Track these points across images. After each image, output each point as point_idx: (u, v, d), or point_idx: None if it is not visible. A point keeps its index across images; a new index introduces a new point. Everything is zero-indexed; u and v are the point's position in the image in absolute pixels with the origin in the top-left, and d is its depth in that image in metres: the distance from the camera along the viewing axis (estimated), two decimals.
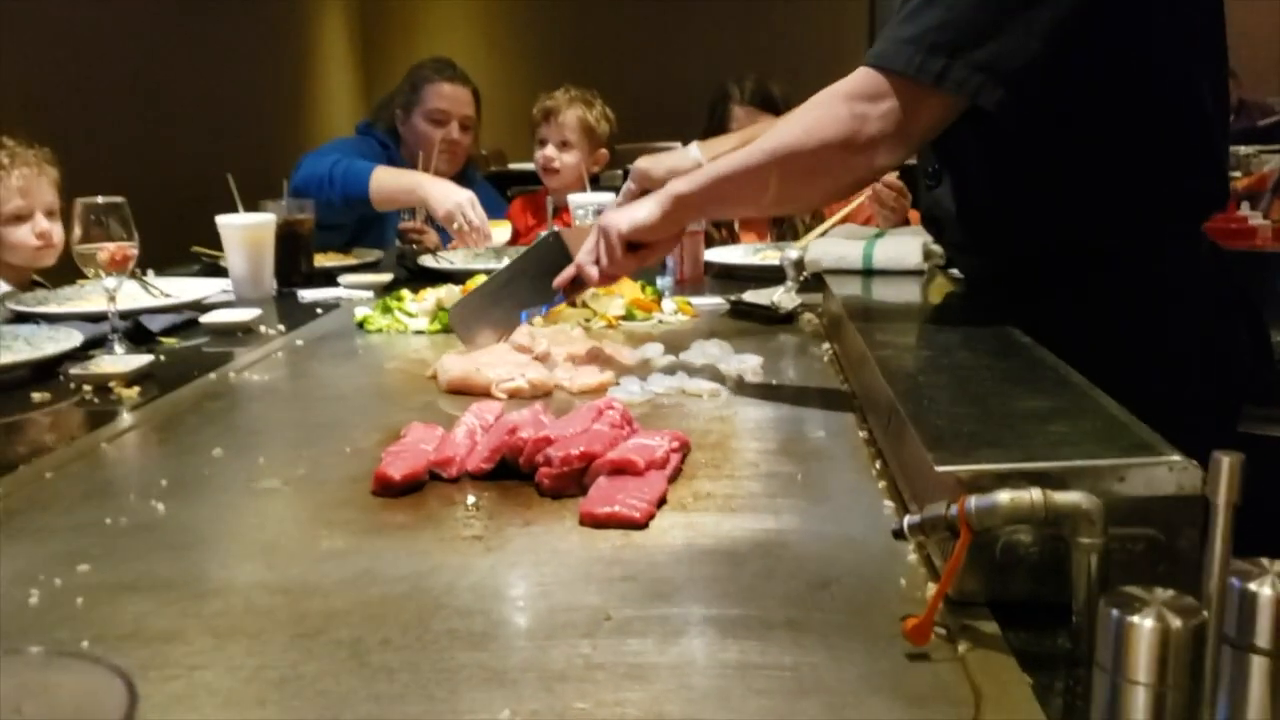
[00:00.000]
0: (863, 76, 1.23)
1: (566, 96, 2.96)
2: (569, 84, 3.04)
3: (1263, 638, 0.50)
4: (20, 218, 2.34)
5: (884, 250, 1.82)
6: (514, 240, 3.00)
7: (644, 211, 1.33)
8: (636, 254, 1.37)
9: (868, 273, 1.80)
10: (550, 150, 2.92)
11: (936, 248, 1.85)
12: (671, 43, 6.81)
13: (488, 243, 2.52)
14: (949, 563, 0.70)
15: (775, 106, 2.81)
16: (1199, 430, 0.77)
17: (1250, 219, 2.45)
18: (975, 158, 1.37)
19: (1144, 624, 0.51)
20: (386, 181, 2.65)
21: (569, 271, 1.41)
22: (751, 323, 1.79)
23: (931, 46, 1.17)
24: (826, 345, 1.60)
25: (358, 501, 1.00)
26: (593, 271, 1.37)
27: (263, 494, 1.03)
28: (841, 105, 1.23)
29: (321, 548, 0.89)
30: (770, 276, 2.00)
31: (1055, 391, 0.98)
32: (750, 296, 1.85)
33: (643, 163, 1.46)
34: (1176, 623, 0.51)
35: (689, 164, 1.44)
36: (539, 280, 1.49)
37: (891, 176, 2.44)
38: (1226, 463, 0.51)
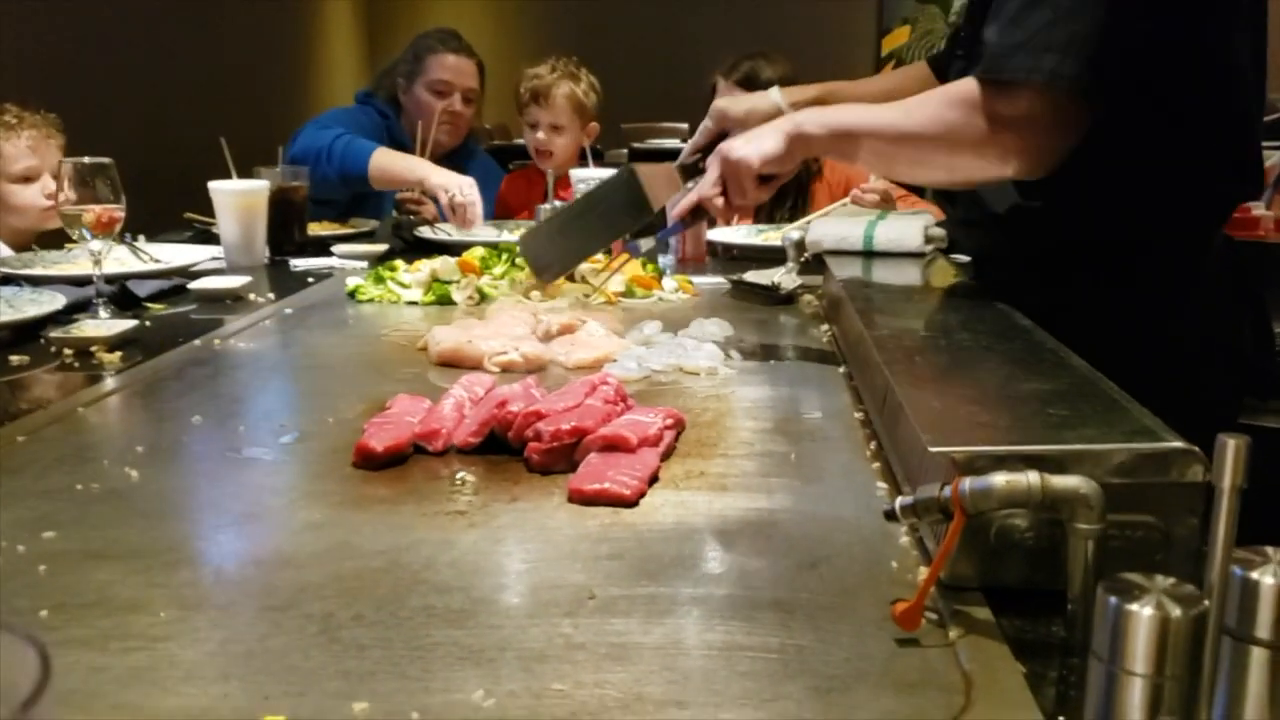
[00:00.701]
0: (993, 84, 1.20)
1: (554, 74, 2.90)
2: (553, 57, 2.98)
3: (1264, 629, 0.48)
4: (28, 179, 2.32)
5: (885, 232, 1.79)
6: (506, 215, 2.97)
7: (770, 143, 1.30)
8: (767, 185, 1.34)
9: (868, 254, 1.77)
10: (542, 134, 2.88)
11: (938, 230, 1.82)
12: (679, 20, 6.76)
13: (474, 225, 2.48)
14: (942, 546, 0.68)
15: (757, 88, 2.78)
16: (1200, 419, 0.75)
17: (1253, 209, 2.44)
18: None
19: (1143, 612, 0.49)
20: (387, 164, 2.59)
21: (689, 199, 1.39)
22: (752, 303, 1.77)
23: (1042, 50, 1.15)
24: (826, 326, 1.58)
25: (338, 473, 0.97)
26: (719, 202, 1.35)
27: (241, 463, 1.01)
28: (970, 109, 1.20)
29: (298, 519, 0.87)
30: (772, 257, 1.97)
31: (1055, 375, 0.95)
32: (751, 276, 1.82)
33: (721, 103, 1.52)
34: (1176, 611, 0.49)
35: (768, 105, 1.50)
36: (611, 216, 1.47)
37: (878, 183, 2.39)
38: (1232, 445, 0.49)
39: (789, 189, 2.73)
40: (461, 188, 2.45)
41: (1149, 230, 1.29)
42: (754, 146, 1.31)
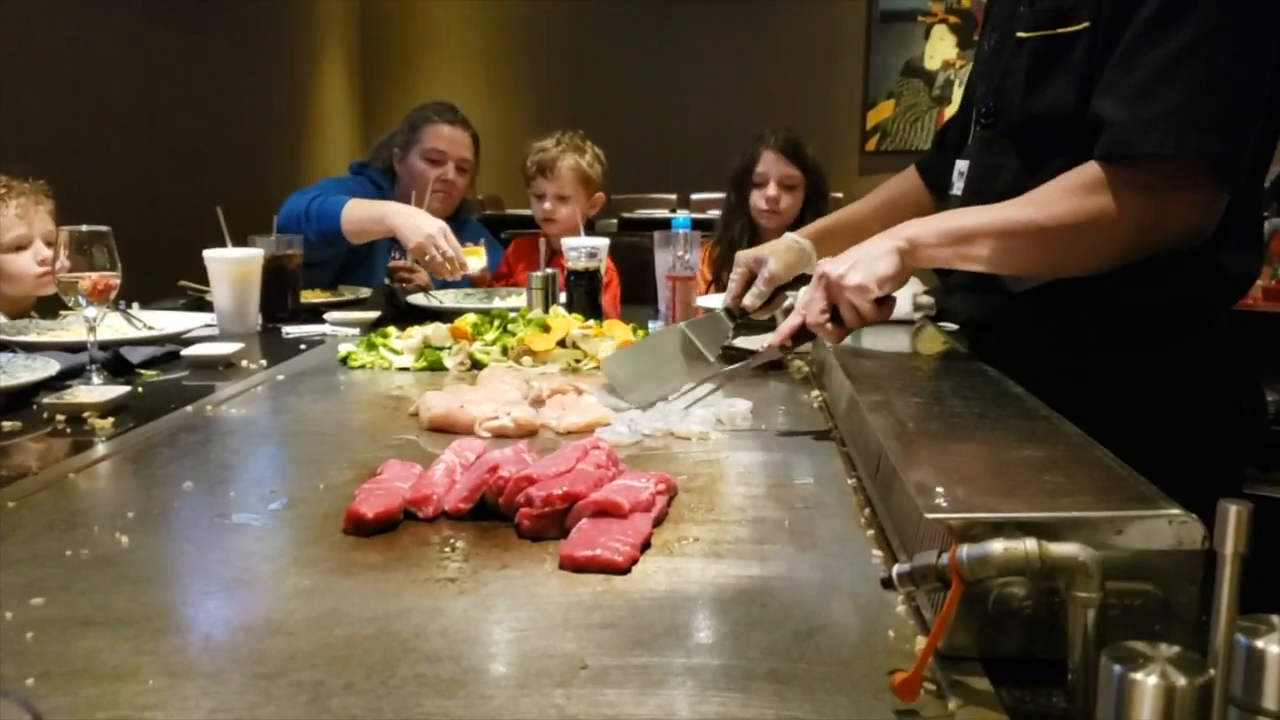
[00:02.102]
0: (1123, 162, 1.19)
1: (559, 147, 2.96)
2: (558, 130, 3.04)
3: (1271, 700, 0.48)
4: (20, 247, 2.32)
5: None
6: (505, 279, 2.99)
7: (884, 265, 1.28)
8: (884, 306, 1.32)
9: None
10: (549, 204, 2.93)
11: (926, 299, 1.84)
12: (669, 94, 6.88)
13: (463, 271, 2.49)
14: (939, 615, 0.67)
15: (803, 159, 2.84)
16: (1200, 487, 0.75)
17: None
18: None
19: (1148, 681, 0.48)
20: (356, 213, 2.60)
21: (792, 323, 1.39)
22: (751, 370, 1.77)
23: (1184, 125, 1.14)
24: (816, 392, 1.58)
25: (328, 539, 0.96)
26: (831, 327, 1.34)
27: (231, 529, 1.00)
28: (1111, 189, 1.19)
29: (288, 585, 0.86)
30: (760, 323, 1.98)
31: (1050, 441, 0.95)
32: (741, 342, 1.83)
33: (748, 251, 1.60)
34: (1181, 681, 0.48)
35: (787, 244, 1.58)
36: (680, 366, 1.54)
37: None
38: (1234, 511, 0.49)
39: None
40: (434, 239, 2.43)
41: (1164, 301, 1.30)
42: (867, 271, 1.28)
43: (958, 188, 1.52)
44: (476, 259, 2.61)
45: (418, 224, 2.48)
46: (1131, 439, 0.93)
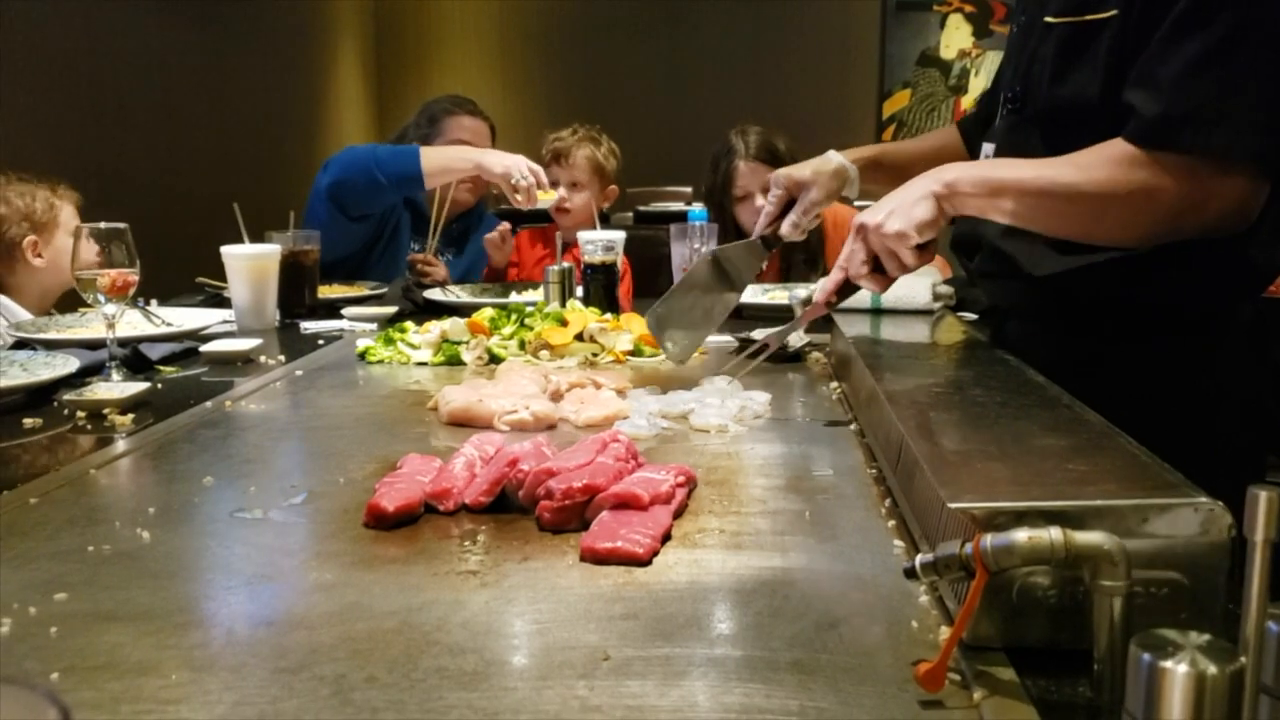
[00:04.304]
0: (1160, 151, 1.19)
1: (575, 137, 2.98)
2: (576, 123, 3.05)
3: None
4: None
5: (893, 289, 1.79)
6: (519, 273, 3.00)
7: (922, 210, 1.27)
8: (925, 251, 1.32)
9: (876, 312, 1.78)
10: (562, 191, 2.93)
11: (946, 288, 1.83)
12: (683, 85, 6.86)
13: (534, 203, 2.56)
14: (964, 605, 0.67)
15: (780, 161, 2.80)
16: (1224, 476, 0.74)
17: None
18: None
19: (1178, 669, 0.48)
20: (435, 155, 2.67)
21: (835, 278, 1.38)
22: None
23: (1218, 120, 1.14)
24: (835, 384, 1.57)
25: (349, 533, 0.96)
26: (869, 280, 1.35)
27: (251, 524, 1.00)
28: (1150, 168, 1.19)
29: (309, 580, 0.86)
30: (778, 315, 1.97)
31: (1073, 430, 0.95)
32: (759, 335, 1.82)
33: (785, 169, 1.55)
34: (1212, 669, 0.48)
35: (833, 166, 1.53)
36: (709, 299, 1.55)
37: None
38: (1264, 498, 0.48)
39: (800, 247, 2.75)
40: (519, 166, 2.53)
41: (1187, 290, 1.29)
42: (905, 218, 1.28)
43: None
44: (550, 198, 2.67)
45: (501, 156, 2.59)
46: (1153, 427, 0.92)
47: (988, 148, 1.51)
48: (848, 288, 1.40)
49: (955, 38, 6.87)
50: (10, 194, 2.36)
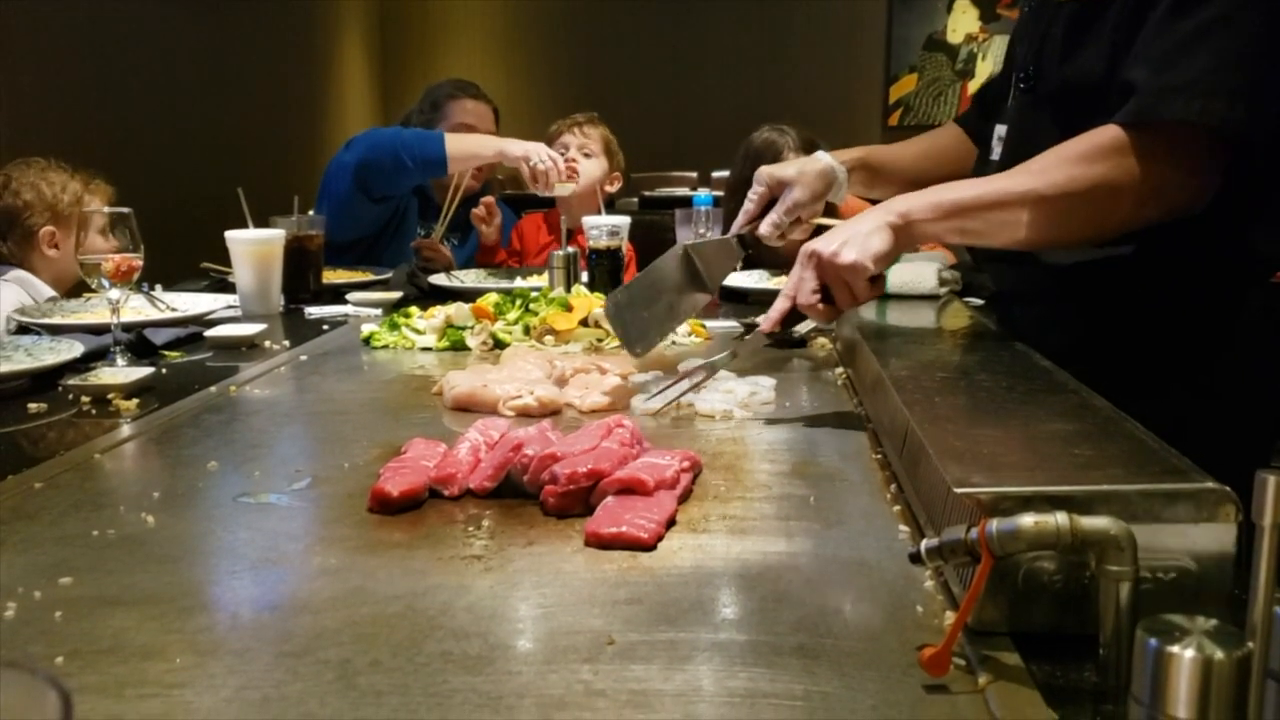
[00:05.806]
0: (1145, 127, 1.18)
1: (587, 116, 2.98)
2: (579, 110, 3.06)
3: None
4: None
5: (899, 274, 1.79)
6: (521, 260, 2.99)
7: (878, 241, 1.24)
8: (876, 284, 1.28)
9: (882, 297, 1.77)
10: (574, 151, 2.89)
11: (951, 273, 1.82)
12: (687, 70, 6.84)
13: (551, 190, 2.59)
14: (969, 590, 0.67)
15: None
16: (1231, 462, 0.74)
17: None
18: None
19: (1185, 654, 0.48)
20: (459, 141, 2.69)
21: (781, 307, 1.31)
22: (764, 346, 1.76)
23: (1207, 92, 1.13)
24: (840, 369, 1.57)
25: (353, 518, 0.96)
26: (823, 308, 1.29)
27: (256, 508, 1.00)
28: (1120, 156, 1.18)
29: (313, 564, 0.86)
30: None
31: (1080, 415, 0.94)
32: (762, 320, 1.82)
33: (770, 167, 1.51)
34: (1219, 654, 0.48)
35: (819, 166, 1.49)
36: (677, 295, 1.50)
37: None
38: (1273, 483, 0.48)
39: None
40: (540, 150, 2.56)
41: (1194, 276, 1.28)
42: (861, 248, 1.24)
43: (997, 152, 1.49)
44: (568, 189, 2.68)
45: (522, 143, 2.62)
46: (1160, 412, 0.92)
47: (1000, 129, 1.50)
48: (794, 316, 1.34)
49: (962, 22, 6.84)
50: (40, 182, 2.36)
